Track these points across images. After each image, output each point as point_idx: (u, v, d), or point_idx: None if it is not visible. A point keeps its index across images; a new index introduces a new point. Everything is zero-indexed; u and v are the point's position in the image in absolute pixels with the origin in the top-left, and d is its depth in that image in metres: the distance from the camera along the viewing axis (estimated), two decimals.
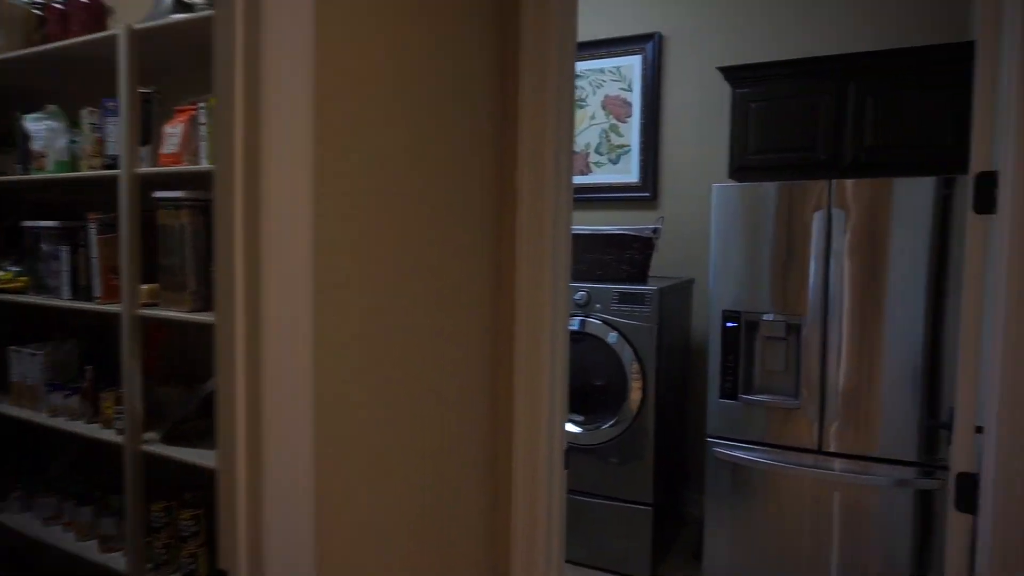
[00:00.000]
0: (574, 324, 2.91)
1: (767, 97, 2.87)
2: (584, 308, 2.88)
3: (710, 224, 2.68)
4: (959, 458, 1.42)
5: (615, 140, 3.50)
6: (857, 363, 2.45)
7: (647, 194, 3.42)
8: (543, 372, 1.64)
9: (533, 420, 1.65)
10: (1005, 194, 1.27)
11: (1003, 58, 1.30)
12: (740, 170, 2.93)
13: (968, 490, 1.40)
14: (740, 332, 2.63)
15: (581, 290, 2.88)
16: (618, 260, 2.96)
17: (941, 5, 2.90)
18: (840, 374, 2.47)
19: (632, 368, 2.79)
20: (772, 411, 2.60)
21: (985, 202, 1.35)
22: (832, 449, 2.51)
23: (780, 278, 2.56)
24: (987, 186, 1.34)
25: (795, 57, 3.03)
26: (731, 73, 2.93)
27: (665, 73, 3.40)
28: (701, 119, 3.34)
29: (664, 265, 3.38)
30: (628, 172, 3.47)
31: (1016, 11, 1.24)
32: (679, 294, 3.05)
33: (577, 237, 3.01)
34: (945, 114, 2.56)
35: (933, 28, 2.91)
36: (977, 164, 1.37)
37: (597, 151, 3.55)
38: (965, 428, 1.41)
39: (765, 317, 2.58)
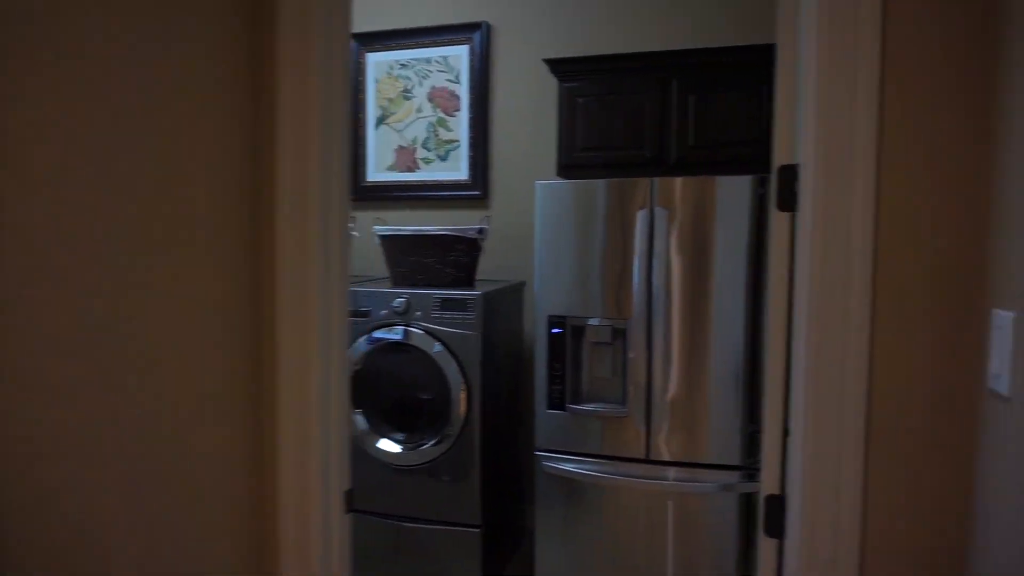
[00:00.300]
0: (397, 334, 2.65)
1: (594, 92, 2.76)
2: (404, 316, 2.62)
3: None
4: (767, 479, 1.31)
5: (444, 135, 3.27)
6: (685, 367, 2.38)
7: (477, 192, 3.23)
8: (311, 406, 1.36)
9: (302, 455, 1.38)
10: (806, 189, 1.16)
11: (800, 55, 1.21)
12: (568, 168, 2.80)
13: (776, 513, 1.28)
14: (566, 338, 2.48)
15: (401, 296, 2.62)
16: (442, 263, 2.74)
17: (759, 4, 2.92)
18: (666, 379, 2.39)
19: (457, 380, 2.57)
20: (601, 421, 2.47)
21: (787, 198, 1.24)
22: (661, 457, 2.42)
23: (606, 280, 2.44)
24: (789, 181, 1.23)
25: (624, 51, 2.96)
26: (557, 66, 2.80)
27: (494, 64, 3.22)
28: (533, 114, 3.19)
29: (497, 268, 3.20)
30: (458, 169, 3.26)
31: (811, 14, 1.15)
32: (508, 299, 2.87)
33: (396, 239, 2.76)
34: (761, 112, 2.55)
35: (754, 27, 2.93)
36: (780, 158, 1.26)
37: (425, 146, 3.31)
38: (773, 448, 1.30)
39: (591, 322, 2.45)
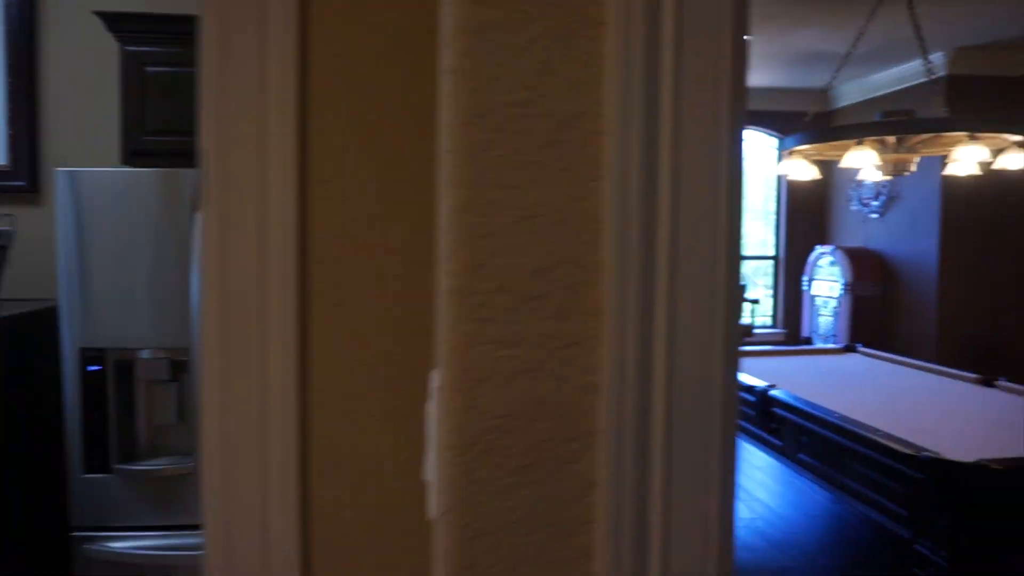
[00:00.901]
0: None
1: (168, 61, 2.18)
2: None
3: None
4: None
5: None
6: None
7: (23, 183, 2.43)
8: None
9: None
10: (207, 181, 0.76)
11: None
12: (137, 155, 2.18)
13: None
14: (108, 377, 1.88)
15: None
16: None
17: None
18: None
19: None
20: (166, 481, 1.92)
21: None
22: None
23: (158, 300, 1.89)
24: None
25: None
26: (114, 23, 2.17)
27: (43, 15, 2.45)
28: (105, 86, 2.48)
29: (46, 284, 2.40)
30: None
31: None
32: (28, 327, 2.10)
33: None
34: None
35: None
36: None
37: None
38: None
39: (142, 354, 1.89)
